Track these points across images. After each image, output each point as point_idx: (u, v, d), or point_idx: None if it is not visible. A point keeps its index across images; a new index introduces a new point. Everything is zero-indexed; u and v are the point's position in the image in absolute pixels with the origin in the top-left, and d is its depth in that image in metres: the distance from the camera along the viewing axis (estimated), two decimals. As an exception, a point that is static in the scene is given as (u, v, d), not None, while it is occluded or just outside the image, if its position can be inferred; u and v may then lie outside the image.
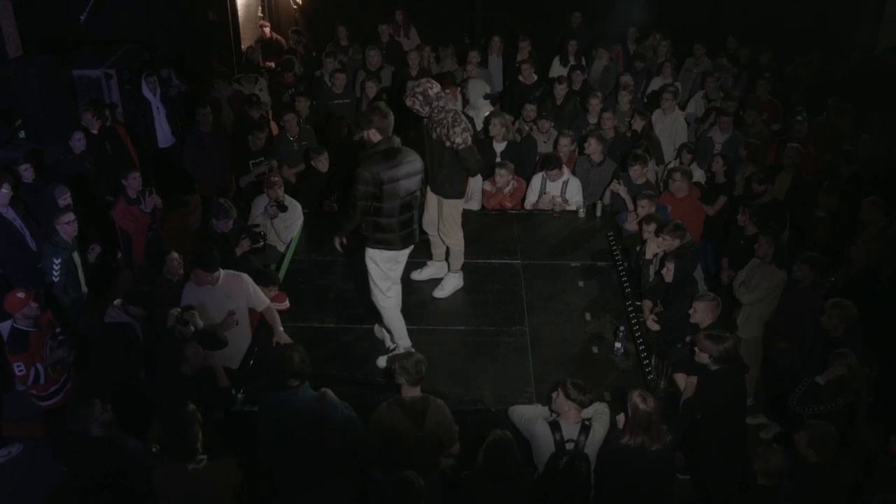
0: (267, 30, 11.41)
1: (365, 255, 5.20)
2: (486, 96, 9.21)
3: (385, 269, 5.18)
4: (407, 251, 5.23)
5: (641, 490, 4.43)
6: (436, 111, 5.44)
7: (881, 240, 6.15)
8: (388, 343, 5.49)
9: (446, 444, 4.49)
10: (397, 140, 4.98)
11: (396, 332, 5.37)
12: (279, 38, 11.37)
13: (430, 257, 6.30)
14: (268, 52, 11.00)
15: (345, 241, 5.33)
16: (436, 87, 5.45)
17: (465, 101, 8.88)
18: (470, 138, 5.52)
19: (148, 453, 4.44)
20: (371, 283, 5.27)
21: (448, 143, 5.45)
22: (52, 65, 8.18)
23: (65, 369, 5.55)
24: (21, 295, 5.29)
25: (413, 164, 5.00)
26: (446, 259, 6.17)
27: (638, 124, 8.12)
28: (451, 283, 6.17)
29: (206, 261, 5.37)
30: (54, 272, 6.04)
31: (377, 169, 4.81)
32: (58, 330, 5.57)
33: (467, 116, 6.05)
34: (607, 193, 7.37)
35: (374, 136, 4.89)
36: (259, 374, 5.31)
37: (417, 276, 6.27)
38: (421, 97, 5.38)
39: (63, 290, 6.12)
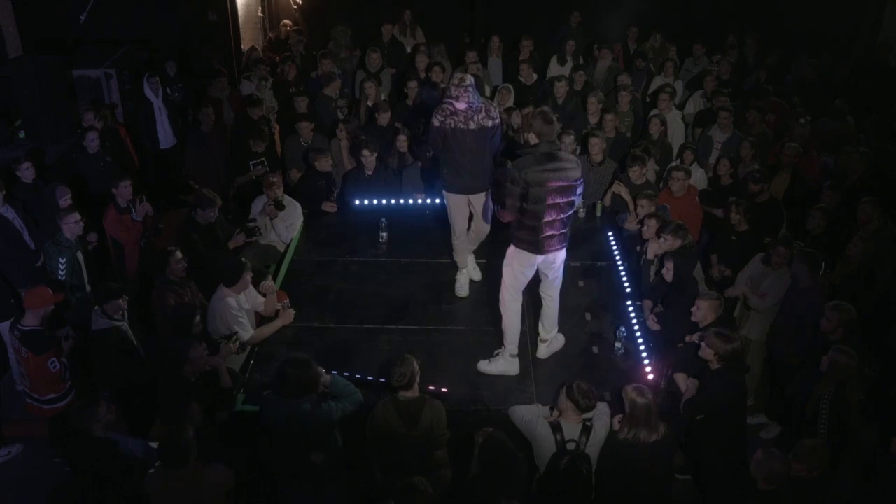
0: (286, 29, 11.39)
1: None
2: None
3: (518, 271, 5.16)
4: (543, 258, 5.12)
5: (641, 487, 4.43)
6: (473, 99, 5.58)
7: (877, 241, 6.16)
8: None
9: (436, 447, 4.48)
10: (557, 146, 5.02)
11: (509, 336, 5.33)
12: None
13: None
14: (279, 48, 10.97)
15: None
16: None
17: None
18: None
19: (149, 453, 4.44)
20: (502, 282, 5.25)
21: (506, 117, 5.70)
22: (52, 65, 8.17)
23: (67, 379, 5.49)
24: (50, 291, 5.32)
25: (568, 172, 4.91)
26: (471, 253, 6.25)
27: (655, 129, 8.08)
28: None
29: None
30: (60, 270, 6.04)
31: (525, 170, 4.83)
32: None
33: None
34: (608, 194, 7.37)
35: (532, 139, 4.93)
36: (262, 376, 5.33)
37: (461, 293, 6.24)
38: (472, 88, 5.52)
39: (69, 289, 6.11)
